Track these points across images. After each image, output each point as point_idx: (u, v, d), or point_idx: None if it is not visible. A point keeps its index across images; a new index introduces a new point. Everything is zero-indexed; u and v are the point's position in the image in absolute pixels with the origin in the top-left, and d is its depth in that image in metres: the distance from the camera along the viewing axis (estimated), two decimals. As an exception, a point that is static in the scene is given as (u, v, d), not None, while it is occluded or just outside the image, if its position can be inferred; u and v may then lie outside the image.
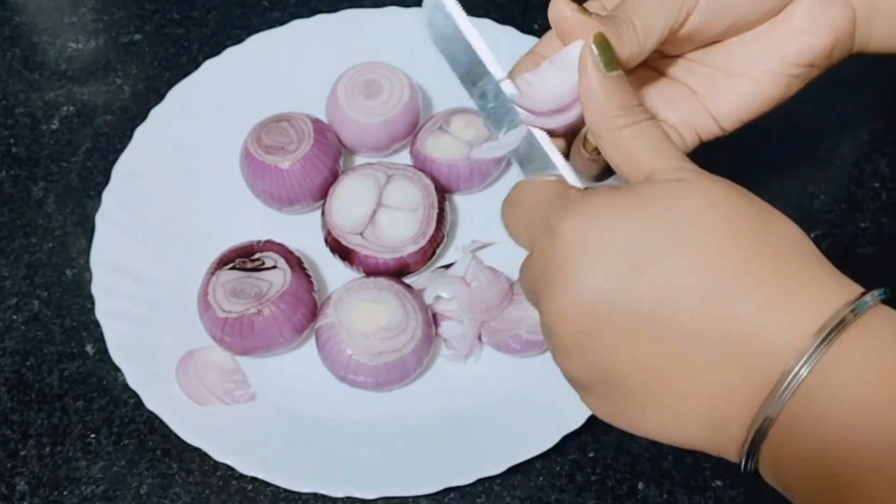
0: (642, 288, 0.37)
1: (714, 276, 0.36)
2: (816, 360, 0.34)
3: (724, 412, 0.37)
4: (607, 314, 0.37)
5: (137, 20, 0.79)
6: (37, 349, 0.64)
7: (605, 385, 0.39)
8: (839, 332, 0.35)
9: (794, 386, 0.35)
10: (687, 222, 0.37)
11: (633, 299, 0.37)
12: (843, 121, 0.73)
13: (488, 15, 0.75)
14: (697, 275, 0.36)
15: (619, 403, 0.39)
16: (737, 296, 0.36)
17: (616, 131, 0.40)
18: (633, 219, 0.37)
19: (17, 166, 0.72)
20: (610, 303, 0.37)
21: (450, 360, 0.62)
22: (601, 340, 0.38)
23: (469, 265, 0.63)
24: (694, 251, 0.36)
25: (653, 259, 0.37)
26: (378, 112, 0.67)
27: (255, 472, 0.57)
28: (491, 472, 0.57)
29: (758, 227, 0.37)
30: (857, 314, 0.35)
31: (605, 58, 0.41)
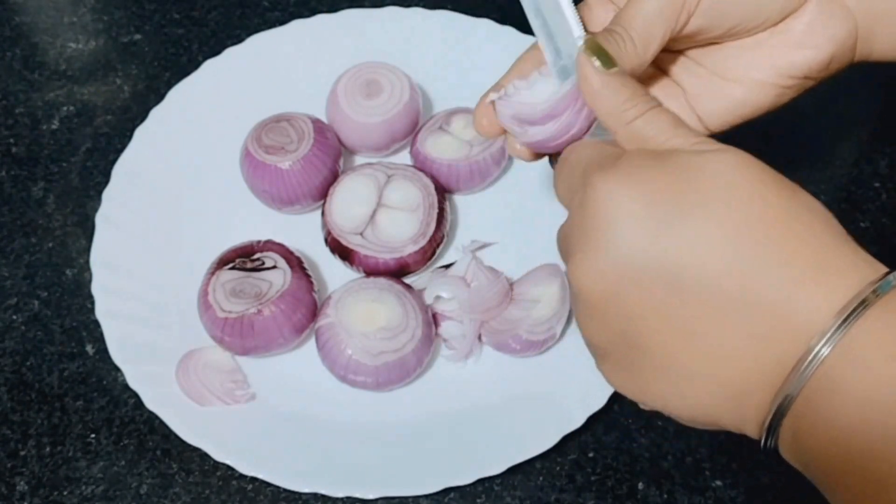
0: (671, 249, 0.37)
1: (743, 244, 0.36)
2: (838, 340, 0.35)
3: (746, 382, 0.37)
4: (636, 273, 0.37)
5: (137, 20, 0.79)
6: (37, 349, 0.64)
7: (628, 350, 0.39)
8: (862, 311, 0.35)
9: (815, 364, 0.35)
10: (718, 189, 0.37)
11: (661, 260, 0.37)
12: (843, 121, 0.73)
13: (488, 15, 0.75)
14: (727, 241, 0.36)
15: (639, 371, 0.39)
16: (764, 266, 0.36)
17: (629, 125, 0.41)
18: (665, 181, 0.37)
19: (17, 166, 0.72)
20: (638, 262, 0.37)
21: (450, 360, 0.62)
22: (628, 301, 0.37)
23: (469, 265, 0.63)
24: (724, 215, 0.36)
25: (683, 221, 0.37)
26: (378, 112, 0.67)
27: (255, 472, 0.57)
28: (491, 472, 0.57)
29: (786, 200, 0.37)
30: (878, 294, 0.35)
31: (602, 59, 0.41)
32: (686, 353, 0.37)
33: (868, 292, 0.35)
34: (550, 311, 0.60)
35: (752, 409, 0.37)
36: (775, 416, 0.36)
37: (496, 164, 0.68)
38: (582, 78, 0.42)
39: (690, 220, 0.37)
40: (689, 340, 0.37)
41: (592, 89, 0.41)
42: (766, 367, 0.36)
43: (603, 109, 0.41)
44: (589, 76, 0.41)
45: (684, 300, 0.37)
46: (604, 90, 0.41)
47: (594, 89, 0.41)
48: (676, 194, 0.37)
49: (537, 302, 0.60)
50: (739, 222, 0.36)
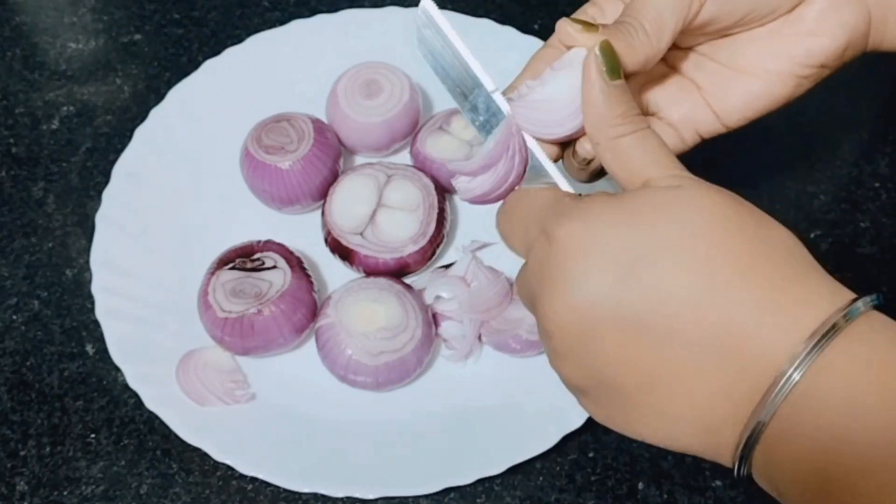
0: (638, 292, 0.37)
1: (708, 281, 0.36)
2: (808, 365, 0.35)
3: (719, 416, 0.37)
4: (603, 319, 0.37)
5: (137, 20, 0.79)
6: (37, 349, 0.64)
7: (602, 389, 0.39)
8: (831, 337, 0.35)
9: (786, 390, 0.35)
10: (681, 228, 0.37)
11: (628, 304, 0.37)
12: (843, 121, 0.73)
13: (488, 15, 0.75)
14: (692, 280, 0.36)
15: (615, 407, 0.39)
16: (730, 300, 0.36)
17: (615, 140, 0.41)
18: (628, 224, 0.38)
19: (17, 166, 0.72)
20: (606, 307, 0.37)
21: (450, 361, 0.62)
22: (597, 345, 0.38)
23: (469, 265, 0.63)
24: (688, 256, 0.37)
25: (648, 264, 0.37)
26: (378, 112, 0.67)
27: (255, 472, 0.57)
28: (491, 472, 0.57)
29: (751, 233, 0.38)
30: (848, 320, 0.35)
31: (609, 65, 0.41)
32: (659, 393, 0.38)
33: (838, 317, 0.35)
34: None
35: (724, 441, 0.37)
36: (747, 443, 0.36)
37: (496, 164, 0.68)
38: (585, 79, 0.41)
39: (658, 264, 0.37)
40: (660, 380, 0.37)
41: (592, 94, 0.41)
42: (738, 400, 0.36)
43: (595, 117, 0.41)
44: (592, 79, 0.41)
45: (654, 343, 0.37)
46: (601, 97, 0.41)
47: (593, 95, 0.41)
48: (643, 238, 0.37)
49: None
50: (706, 261, 0.37)
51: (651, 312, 0.37)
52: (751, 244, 0.37)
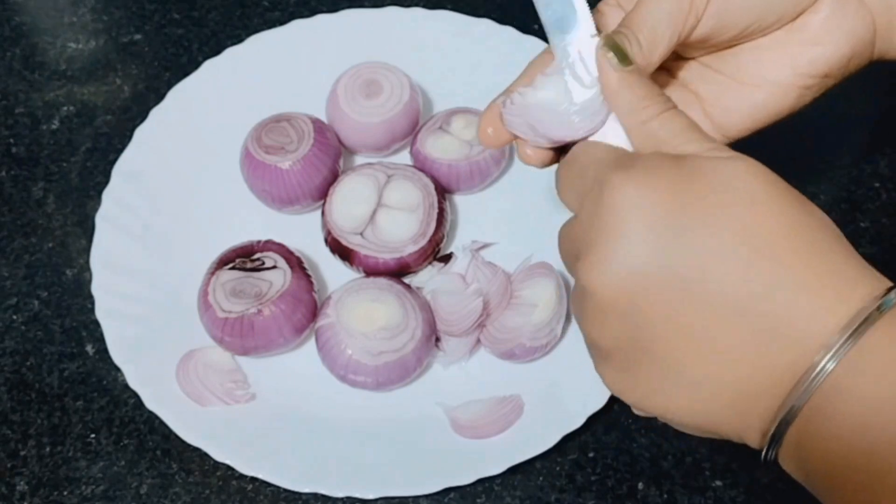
0: (687, 253, 0.37)
1: (755, 255, 0.36)
2: (843, 355, 0.35)
3: (752, 391, 0.37)
4: (650, 278, 0.37)
5: (137, 20, 0.79)
6: (37, 349, 0.64)
7: (634, 353, 0.38)
8: (866, 326, 0.35)
9: (821, 378, 0.35)
10: (733, 198, 0.37)
11: (676, 264, 0.37)
12: (843, 121, 0.73)
13: (488, 15, 0.75)
14: (739, 251, 0.36)
15: (643, 374, 0.39)
16: (774, 277, 0.36)
17: (645, 124, 0.41)
18: (682, 187, 0.37)
19: (17, 166, 0.72)
20: (654, 265, 0.37)
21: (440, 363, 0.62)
22: (640, 304, 0.37)
23: (469, 264, 0.62)
24: (738, 227, 0.37)
25: (698, 230, 0.37)
26: (378, 112, 0.67)
27: (255, 472, 0.57)
28: (491, 472, 0.57)
29: (797, 212, 0.38)
30: (882, 311, 0.35)
31: (619, 55, 0.41)
32: (693, 359, 0.37)
33: (872, 308, 0.35)
34: (550, 313, 0.60)
35: (755, 418, 0.37)
36: (780, 425, 0.36)
37: (496, 164, 0.68)
38: (601, 75, 0.42)
39: (705, 228, 0.37)
40: (697, 346, 0.37)
41: (611, 86, 0.42)
42: (773, 375, 0.36)
43: (620, 106, 0.42)
44: (607, 72, 0.41)
45: (696, 307, 0.37)
46: (621, 87, 0.41)
47: (612, 85, 0.41)
48: (693, 201, 0.37)
49: (535, 306, 0.60)
50: (752, 232, 0.37)
51: (697, 276, 0.37)
52: (798, 222, 0.37)
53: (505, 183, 0.70)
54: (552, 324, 0.60)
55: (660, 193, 0.37)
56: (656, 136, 0.40)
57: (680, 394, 0.38)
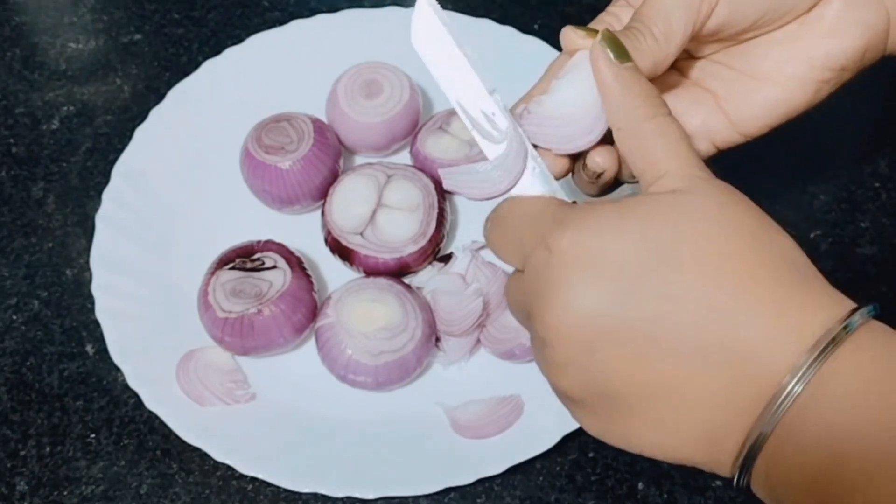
0: (642, 302, 0.37)
1: (712, 291, 0.36)
2: (810, 377, 0.35)
3: (720, 426, 0.37)
4: (607, 329, 0.37)
5: (137, 20, 0.79)
6: (37, 349, 0.64)
7: (601, 400, 0.39)
8: (832, 349, 0.35)
9: (788, 402, 0.35)
10: (686, 238, 0.37)
11: (632, 315, 0.37)
12: (843, 121, 0.73)
13: (488, 15, 0.75)
14: (696, 290, 0.36)
15: (614, 419, 0.39)
16: (733, 311, 0.36)
17: (637, 124, 0.40)
18: (632, 233, 0.37)
19: (17, 166, 0.72)
20: (609, 318, 0.37)
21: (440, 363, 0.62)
22: (600, 354, 0.37)
23: (469, 264, 0.62)
24: (692, 266, 0.37)
25: (652, 273, 0.37)
26: (378, 112, 0.67)
27: (255, 472, 0.57)
28: (491, 472, 0.57)
29: (755, 242, 0.37)
30: (848, 332, 0.35)
31: (616, 51, 0.41)
32: (661, 404, 0.37)
33: (838, 329, 0.35)
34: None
35: (725, 450, 0.37)
36: (749, 453, 0.36)
37: (496, 164, 0.68)
38: (596, 69, 0.41)
39: (661, 271, 0.37)
40: (663, 390, 0.37)
41: (604, 80, 0.41)
42: (741, 409, 0.36)
43: (614, 102, 0.41)
44: (602, 67, 0.41)
45: (655, 354, 0.37)
46: (615, 82, 0.41)
47: (607, 80, 0.41)
48: (648, 247, 0.37)
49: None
50: (711, 268, 0.37)
51: (655, 324, 0.37)
52: (754, 253, 0.37)
53: (505, 183, 0.70)
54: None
55: (608, 245, 0.37)
56: (646, 140, 0.40)
57: (649, 436, 0.38)
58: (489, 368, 0.62)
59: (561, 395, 0.41)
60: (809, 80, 0.46)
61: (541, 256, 0.39)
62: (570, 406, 0.41)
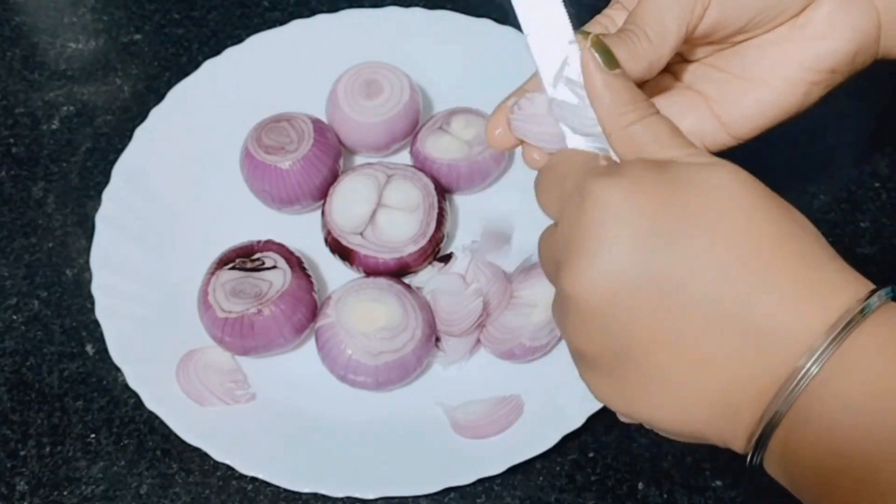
0: (670, 260, 0.37)
1: (738, 261, 0.36)
2: (827, 358, 0.35)
3: (738, 396, 0.37)
4: (634, 284, 0.37)
5: (137, 20, 0.79)
6: (37, 349, 0.64)
7: (619, 360, 0.38)
8: (849, 330, 0.35)
9: (804, 383, 0.35)
10: (716, 205, 0.37)
11: (659, 270, 0.37)
12: (843, 121, 0.73)
13: (488, 15, 0.74)
14: (723, 257, 0.36)
15: (629, 381, 0.39)
16: (758, 283, 0.36)
17: (626, 128, 0.40)
18: (665, 194, 0.37)
19: (17, 166, 0.72)
20: (636, 271, 0.37)
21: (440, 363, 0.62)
22: (624, 311, 0.37)
23: (469, 264, 0.62)
24: (721, 234, 0.37)
25: (682, 237, 0.37)
26: (378, 112, 0.67)
27: (255, 472, 0.57)
28: (491, 472, 0.57)
29: (779, 217, 0.38)
30: (865, 314, 0.35)
31: (606, 58, 0.41)
32: (679, 365, 0.37)
33: (855, 311, 0.35)
34: (549, 313, 0.60)
35: (740, 424, 0.37)
36: (764, 430, 0.36)
37: (496, 163, 0.68)
38: (586, 75, 0.41)
39: (689, 235, 0.37)
40: (683, 352, 0.37)
41: (594, 88, 0.41)
42: (758, 380, 0.36)
43: (602, 109, 0.41)
44: (592, 73, 0.41)
45: (678, 313, 0.37)
46: (605, 90, 0.41)
47: (597, 87, 0.41)
48: (675, 208, 0.37)
49: (535, 306, 0.60)
50: (736, 239, 0.37)
51: (682, 282, 0.37)
52: (780, 227, 0.37)
53: (505, 183, 0.70)
54: (552, 324, 0.60)
55: (641, 200, 0.37)
56: (638, 140, 0.40)
57: (664, 399, 0.38)
58: (489, 368, 0.62)
59: (577, 354, 0.40)
60: (800, 81, 0.47)
61: (575, 205, 0.39)
62: (584, 366, 0.40)
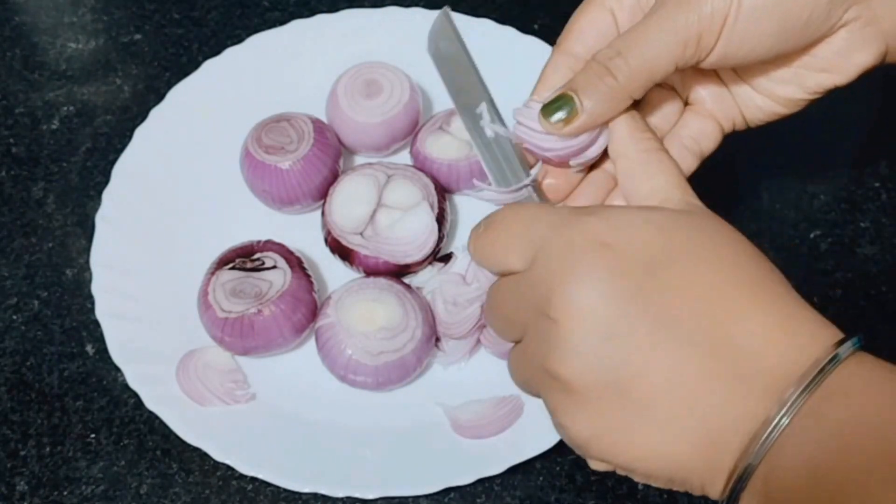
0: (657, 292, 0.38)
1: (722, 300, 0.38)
2: (796, 410, 0.36)
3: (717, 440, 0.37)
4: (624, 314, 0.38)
5: (137, 20, 0.79)
6: (37, 349, 0.64)
7: (606, 391, 0.38)
8: (821, 379, 0.36)
9: (774, 435, 0.36)
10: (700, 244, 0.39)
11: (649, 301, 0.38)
12: (843, 121, 0.73)
13: (488, 15, 0.75)
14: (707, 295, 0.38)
15: (614, 415, 0.39)
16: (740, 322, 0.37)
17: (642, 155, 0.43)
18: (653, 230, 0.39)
19: (17, 166, 0.72)
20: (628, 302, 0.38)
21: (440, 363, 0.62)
22: (615, 339, 0.38)
23: (469, 264, 0.62)
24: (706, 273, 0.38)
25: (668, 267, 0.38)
26: (378, 112, 0.67)
27: (255, 472, 0.57)
28: (491, 472, 0.57)
29: (755, 266, 0.39)
30: (834, 363, 0.36)
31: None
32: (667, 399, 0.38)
33: (825, 361, 0.36)
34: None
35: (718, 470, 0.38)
36: (736, 485, 0.37)
37: (496, 164, 0.68)
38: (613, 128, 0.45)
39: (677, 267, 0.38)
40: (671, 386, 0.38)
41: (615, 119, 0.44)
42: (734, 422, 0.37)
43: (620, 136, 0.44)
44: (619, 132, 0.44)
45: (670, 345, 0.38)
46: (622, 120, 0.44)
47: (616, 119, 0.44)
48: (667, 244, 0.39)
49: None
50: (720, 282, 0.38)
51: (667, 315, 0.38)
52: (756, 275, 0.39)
53: (505, 183, 0.70)
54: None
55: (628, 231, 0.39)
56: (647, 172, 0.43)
57: (648, 433, 0.38)
58: (489, 368, 0.62)
59: (562, 385, 0.40)
60: (799, 100, 0.48)
61: (562, 241, 0.39)
62: (567, 400, 0.40)
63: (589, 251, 0.38)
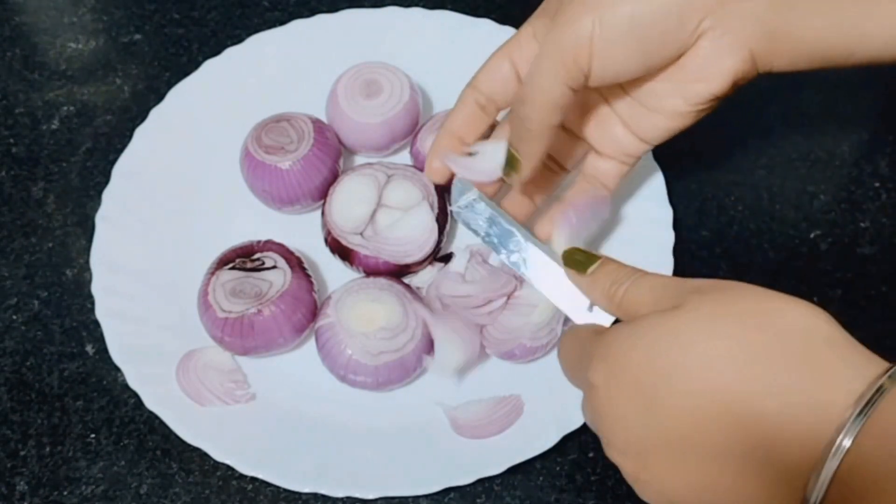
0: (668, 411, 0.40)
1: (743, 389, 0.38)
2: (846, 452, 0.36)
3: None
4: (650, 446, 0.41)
5: (137, 20, 0.79)
6: (37, 349, 0.64)
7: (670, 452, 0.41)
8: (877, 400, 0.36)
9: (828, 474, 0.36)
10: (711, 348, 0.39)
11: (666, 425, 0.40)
12: (843, 121, 0.73)
13: (488, 15, 0.75)
14: (729, 389, 0.38)
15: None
16: (762, 401, 0.38)
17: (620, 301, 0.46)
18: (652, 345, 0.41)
19: (17, 166, 0.72)
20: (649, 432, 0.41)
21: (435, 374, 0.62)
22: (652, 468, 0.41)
23: (469, 263, 0.62)
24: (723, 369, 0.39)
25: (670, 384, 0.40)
26: (378, 112, 0.67)
27: (255, 472, 0.57)
28: (491, 472, 0.57)
29: (770, 333, 0.39)
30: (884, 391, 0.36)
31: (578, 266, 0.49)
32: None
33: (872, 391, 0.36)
34: (550, 313, 0.60)
35: None
36: None
37: (496, 164, 0.68)
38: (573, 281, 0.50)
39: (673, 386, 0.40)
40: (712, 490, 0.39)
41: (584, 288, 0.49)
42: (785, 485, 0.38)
43: (595, 298, 0.48)
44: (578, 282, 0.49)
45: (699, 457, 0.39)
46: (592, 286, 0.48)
47: (585, 288, 0.49)
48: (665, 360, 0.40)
49: (535, 306, 0.60)
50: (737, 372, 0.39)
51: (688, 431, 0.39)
52: (771, 344, 0.39)
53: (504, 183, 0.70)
54: (552, 324, 0.60)
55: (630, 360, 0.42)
56: (632, 300, 0.45)
57: None
58: (489, 368, 0.62)
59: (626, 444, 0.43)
60: (687, 112, 0.52)
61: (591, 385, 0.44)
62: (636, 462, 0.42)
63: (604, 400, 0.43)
